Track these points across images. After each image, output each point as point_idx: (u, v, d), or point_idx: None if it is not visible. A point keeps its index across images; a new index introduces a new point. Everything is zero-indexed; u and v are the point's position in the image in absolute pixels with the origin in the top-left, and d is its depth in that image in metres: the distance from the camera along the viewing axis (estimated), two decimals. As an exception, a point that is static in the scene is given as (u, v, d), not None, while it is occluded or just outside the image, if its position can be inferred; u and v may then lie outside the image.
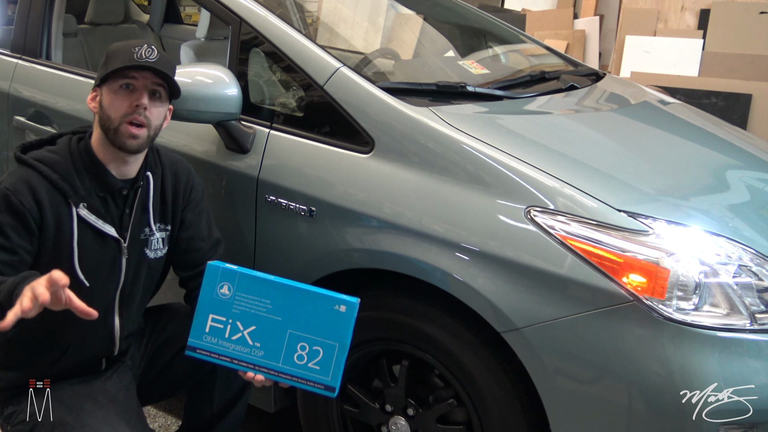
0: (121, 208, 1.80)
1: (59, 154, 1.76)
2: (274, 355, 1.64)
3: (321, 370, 1.62)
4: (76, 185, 1.74)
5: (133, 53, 1.72)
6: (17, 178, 1.70)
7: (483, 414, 1.81)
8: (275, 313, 1.64)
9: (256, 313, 1.64)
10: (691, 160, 2.22)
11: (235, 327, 1.65)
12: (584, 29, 5.98)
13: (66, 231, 1.72)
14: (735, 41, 5.02)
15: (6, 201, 1.66)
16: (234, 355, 1.66)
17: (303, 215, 1.97)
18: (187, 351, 1.68)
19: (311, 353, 1.62)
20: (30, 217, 1.67)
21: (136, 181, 1.82)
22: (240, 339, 1.65)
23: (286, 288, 1.65)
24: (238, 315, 1.65)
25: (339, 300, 1.62)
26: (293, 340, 1.63)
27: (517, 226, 1.71)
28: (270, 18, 2.14)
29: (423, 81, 2.24)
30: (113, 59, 1.74)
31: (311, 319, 1.62)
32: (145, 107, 1.72)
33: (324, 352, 1.62)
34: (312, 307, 1.63)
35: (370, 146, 1.92)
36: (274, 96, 2.17)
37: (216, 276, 1.65)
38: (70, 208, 1.72)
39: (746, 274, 1.67)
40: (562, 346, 1.66)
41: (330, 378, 1.62)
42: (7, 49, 2.67)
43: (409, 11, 3.60)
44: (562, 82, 2.52)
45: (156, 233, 1.87)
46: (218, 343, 1.66)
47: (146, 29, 3.87)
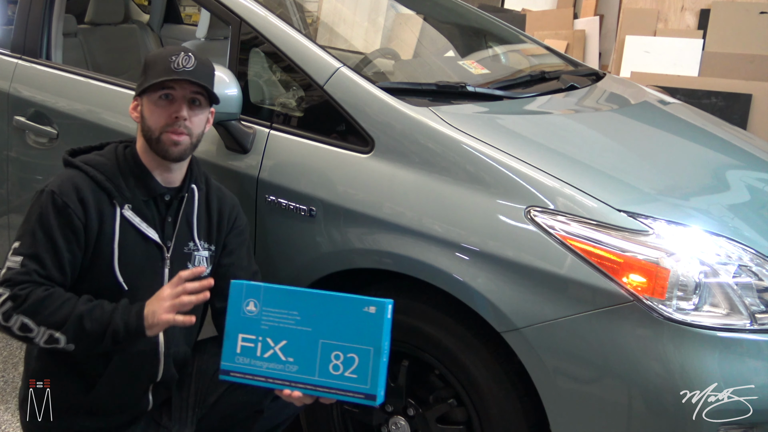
0: (163, 215, 1.80)
1: (105, 157, 1.79)
2: (309, 369, 1.56)
3: (358, 379, 1.53)
4: (121, 186, 1.75)
5: (170, 63, 1.72)
6: (62, 179, 1.72)
7: (483, 414, 1.81)
8: (305, 324, 1.57)
9: (285, 326, 1.58)
10: (691, 160, 2.22)
11: (266, 344, 1.58)
12: (584, 29, 5.98)
13: (108, 232, 1.73)
14: (735, 41, 5.02)
15: (52, 201, 1.68)
16: (268, 373, 1.59)
17: (303, 215, 1.97)
18: (221, 375, 1.62)
19: (346, 361, 1.54)
20: (75, 216, 1.68)
21: (180, 190, 1.83)
22: (272, 356, 1.58)
23: (312, 296, 1.58)
24: (268, 331, 1.58)
25: (367, 301, 1.54)
26: (326, 350, 1.55)
27: (517, 226, 1.71)
28: (270, 18, 2.14)
29: (423, 81, 2.24)
30: (152, 69, 1.74)
31: (342, 326, 1.54)
32: (185, 118, 1.73)
33: (359, 359, 1.53)
34: (340, 312, 1.55)
35: (370, 146, 1.92)
36: (274, 96, 2.17)
37: (241, 293, 1.60)
38: (114, 209, 1.74)
39: (746, 274, 1.67)
40: (562, 346, 1.66)
41: (369, 386, 1.53)
42: (7, 49, 2.67)
43: (409, 11, 3.60)
44: (562, 82, 2.52)
45: (201, 250, 1.85)
46: (251, 362, 1.59)
47: (146, 29, 3.87)
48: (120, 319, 1.62)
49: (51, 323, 1.61)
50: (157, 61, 1.75)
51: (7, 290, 1.63)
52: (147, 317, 1.62)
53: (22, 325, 1.62)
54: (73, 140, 2.45)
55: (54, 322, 1.61)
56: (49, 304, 1.61)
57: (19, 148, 2.56)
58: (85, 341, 1.63)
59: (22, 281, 1.63)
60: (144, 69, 1.77)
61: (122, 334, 1.62)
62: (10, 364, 2.79)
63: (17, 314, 1.61)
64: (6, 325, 1.64)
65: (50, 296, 1.62)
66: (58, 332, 1.61)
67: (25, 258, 1.65)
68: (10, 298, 1.62)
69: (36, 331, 1.62)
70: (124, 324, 1.62)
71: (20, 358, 2.83)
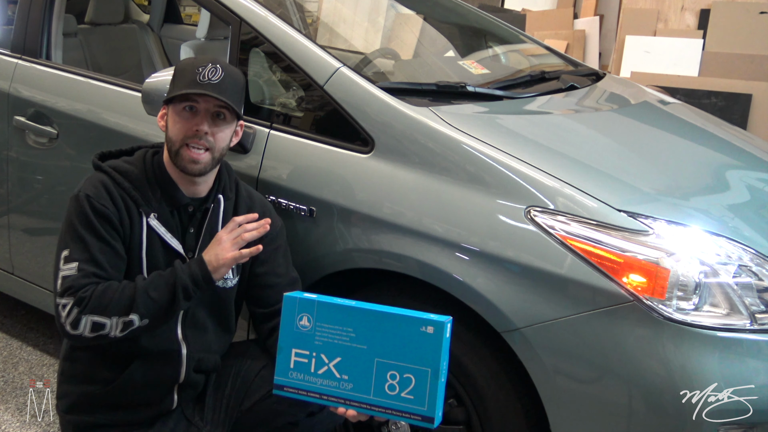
0: (186, 225, 1.80)
1: (134, 164, 1.79)
2: (364, 387, 1.53)
3: (415, 400, 1.49)
4: (148, 196, 1.76)
5: (196, 74, 1.71)
6: (95, 184, 1.73)
7: (483, 414, 1.81)
8: (360, 342, 1.53)
9: (339, 343, 1.54)
10: (691, 160, 2.22)
11: (320, 360, 1.55)
12: (584, 29, 5.98)
13: (136, 240, 1.74)
14: (735, 41, 5.02)
15: (90, 205, 1.70)
16: (322, 390, 1.56)
17: (303, 215, 1.97)
18: (275, 390, 1.60)
19: (403, 381, 1.50)
20: (114, 218, 1.71)
21: (205, 201, 1.82)
22: (326, 372, 1.55)
23: (368, 313, 1.54)
24: (322, 347, 1.55)
25: (425, 321, 1.50)
26: (382, 369, 1.51)
27: (517, 226, 1.71)
28: (270, 18, 2.14)
29: (423, 81, 2.24)
30: (179, 79, 1.74)
31: (398, 345, 1.50)
32: (205, 132, 1.72)
33: (416, 380, 1.49)
34: (397, 331, 1.51)
35: (370, 146, 1.92)
36: (274, 96, 2.17)
37: (294, 307, 1.58)
38: (141, 217, 1.74)
39: (746, 274, 1.67)
40: (562, 346, 1.66)
41: (426, 408, 1.49)
42: (7, 49, 2.67)
43: (409, 11, 3.60)
44: (562, 82, 2.52)
45: None
46: (305, 378, 1.56)
47: (146, 29, 3.87)
48: (184, 275, 1.67)
49: (120, 309, 1.64)
50: (185, 70, 1.75)
51: (71, 298, 1.64)
52: (210, 262, 1.68)
53: (93, 325, 1.64)
54: (73, 140, 2.46)
55: (123, 307, 1.64)
56: (110, 295, 1.64)
57: (19, 148, 2.56)
58: (158, 310, 1.67)
59: (84, 285, 1.64)
60: (173, 77, 1.77)
61: (191, 287, 1.67)
62: (10, 364, 2.79)
63: (85, 316, 1.63)
64: (76, 333, 1.65)
65: (108, 287, 1.65)
66: (130, 315, 1.64)
67: (81, 263, 1.66)
68: (75, 304, 1.63)
69: (108, 324, 1.64)
70: (190, 277, 1.67)
71: (20, 358, 2.83)
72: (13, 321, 3.12)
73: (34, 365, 2.79)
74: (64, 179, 2.49)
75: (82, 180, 1.77)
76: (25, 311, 3.16)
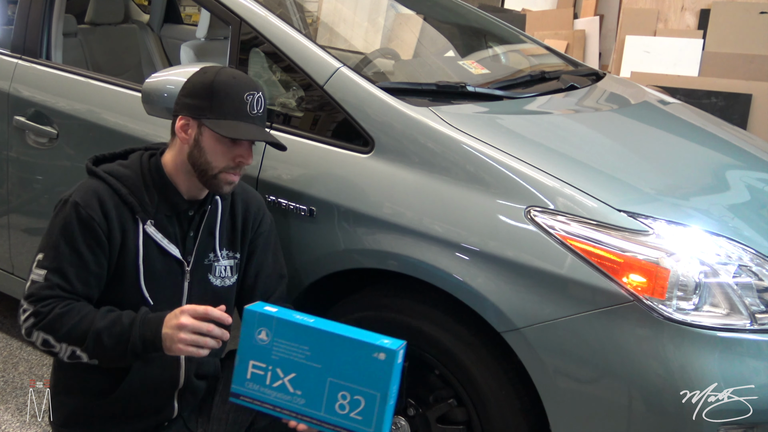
0: (185, 230, 1.77)
1: (130, 168, 1.74)
2: (316, 404, 1.56)
3: (363, 421, 1.52)
4: (145, 201, 1.71)
5: (245, 105, 1.66)
6: (86, 190, 1.68)
7: (483, 414, 1.81)
8: (314, 360, 1.56)
9: (295, 359, 1.56)
10: (691, 160, 2.22)
11: (275, 374, 1.58)
12: (584, 29, 5.98)
13: (131, 247, 1.70)
14: (735, 41, 5.02)
15: (76, 213, 1.65)
16: (276, 402, 1.58)
17: (303, 215, 1.97)
18: (231, 398, 1.62)
19: (353, 402, 1.53)
20: (99, 230, 1.65)
21: (203, 203, 1.79)
22: (281, 386, 1.58)
23: (324, 334, 1.56)
24: (278, 361, 1.57)
25: (378, 348, 1.52)
26: (334, 389, 1.54)
27: (517, 226, 1.71)
28: (270, 18, 2.14)
29: (423, 81, 2.24)
30: (225, 103, 1.66)
31: (350, 367, 1.53)
32: (249, 164, 1.72)
33: (365, 402, 1.52)
34: (350, 354, 1.53)
35: (370, 146, 1.92)
36: (274, 96, 2.17)
37: (254, 321, 1.59)
38: (137, 224, 1.70)
39: (746, 274, 1.67)
40: (562, 346, 1.66)
41: (373, 429, 1.52)
42: (7, 49, 2.67)
43: (409, 11, 3.59)
44: (562, 82, 2.51)
45: (222, 260, 1.82)
46: (260, 390, 1.59)
47: (146, 29, 3.87)
48: (138, 336, 1.60)
49: (71, 340, 1.61)
50: (231, 94, 1.66)
51: (30, 306, 1.62)
52: (164, 340, 1.60)
53: (44, 341, 1.62)
54: (73, 140, 2.45)
55: (74, 338, 1.60)
56: (67, 321, 1.60)
57: (19, 148, 2.56)
58: (107, 356, 1.62)
59: (46, 296, 1.62)
60: (211, 94, 1.66)
61: (141, 351, 1.61)
62: (10, 364, 2.79)
63: (38, 330, 1.61)
64: (30, 340, 1.65)
65: (69, 312, 1.61)
66: (79, 349, 1.61)
67: (49, 272, 1.63)
68: (32, 314, 1.62)
69: (58, 347, 1.62)
70: (142, 342, 1.60)
71: (20, 358, 2.83)
72: (13, 321, 3.11)
73: (34, 365, 2.79)
74: (64, 179, 2.49)
75: (77, 183, 1.73)
76: (25, 311, 3.16)
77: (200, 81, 1.69)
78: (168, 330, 1.58)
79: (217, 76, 1.68)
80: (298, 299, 2.04)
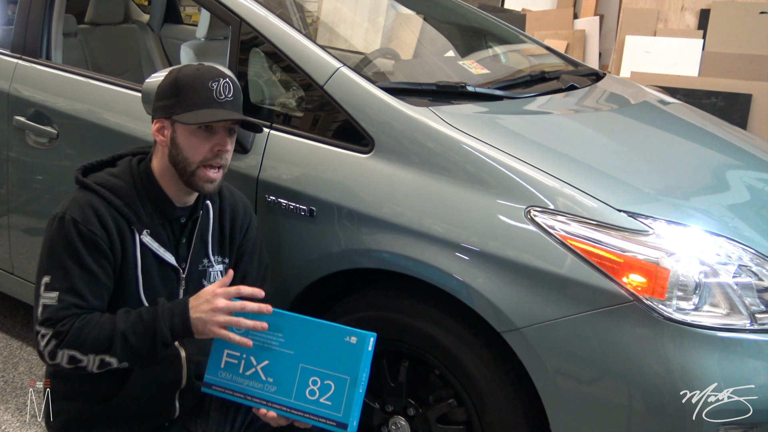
0: (178, 237, 1.77)
1: (121, 178, 1.72)
2: (286, 391, 1.60)
3: (332, 406, 1.56)
4: (139, 211, 1.70)
5: (211, 91, 1.64)
6: (81, 205, 1.65)
7: (483, 414, 1.81)
8: (288, 347, 1.60)
9: (268, 347, 1.61)
10: (691, 160, 2.22)
11: (248, 362, 1.62)
12: (584, 29, 5.98)
13: (130, 258, 1.69)
14: (735, 41, 5.02)
15: (76, 231, 1.63)
16: (247, 391, 1.62)
17: (303, 215, 1.97)
18: (203, 388, 1.64)
19: (323, 388, 1.57)
20: (102, 243, 1.64)
21: (195, 209, 1.79)
22: (253, 374, 1.62)
23: (297, 321, 1.61)
24: (252, 350, 1.62)
25: (350, 332, 1.57)
26: (305, 375, 1.59)
27: (517, 226, 1.71)
28: (270, 18, 2.14)
29: (423, 81, 2.24)
30: (190, 95, 1.65)
31: (323, 352, 1.58)
32: (228, 150, 1.70)
33: (335, 387, 1.56)
34: (323, 339, 1.58)
35: (370, 146, 1.92)
36: (274, 96, 2.17)
37: None
38: (134, 235, 1.70)
39: (746, 274, 1.67)
40: (562, 346, 1.66)
41: (341, 414, 1.55)
42: (7, 49, 2.67)
43: (409, 11, 3.60)
44: (562, 82, 2.52)
45: (215, 265, 1.84)
46: (233, 378, 1.63)
47: (146, 29, 3.87)
48: (166, 326, 1.61)
49: (98, 349, 1.60)
50: (195, 86, 1.66)
51: (49, 329, 1.60)
52: (196, 325, 1.61)
53: (71, 358, 1.61)
54: (73, 140, 2.45)
55: (100, 346, 1.60)
56: (89, 332, 1.59)
57: (19, 148, 2.56)
58: (137, 355, 1.62)
59: (63, 317, 1.61)
60: (176, 90, 1.66)
61: (170, 340, 1.62)
62: (10, 364, 2.79)
63: (62, 349, 1.60)
64: (54, 363, 1.63)
65: (88, 324, 1.60)
66: (107, 356, 1.60)
67: (61, 293, 1.61)
68: (53, 336, 1.60)
69: (85, 360, 1.61)
70: (171, 331, 1.61)
71: (20, 358, 2.83)
72: (13, 321, 3.12)
73: (34, 365, 2.79)
74: (64, 179, 2.49)
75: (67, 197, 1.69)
76: (25, 311, 3.16)
77: (166, 82, 1.70)
78: (200, 314, 1.61)
79: (180, 73, 1.70)
80: (298, 299, 2.04)
